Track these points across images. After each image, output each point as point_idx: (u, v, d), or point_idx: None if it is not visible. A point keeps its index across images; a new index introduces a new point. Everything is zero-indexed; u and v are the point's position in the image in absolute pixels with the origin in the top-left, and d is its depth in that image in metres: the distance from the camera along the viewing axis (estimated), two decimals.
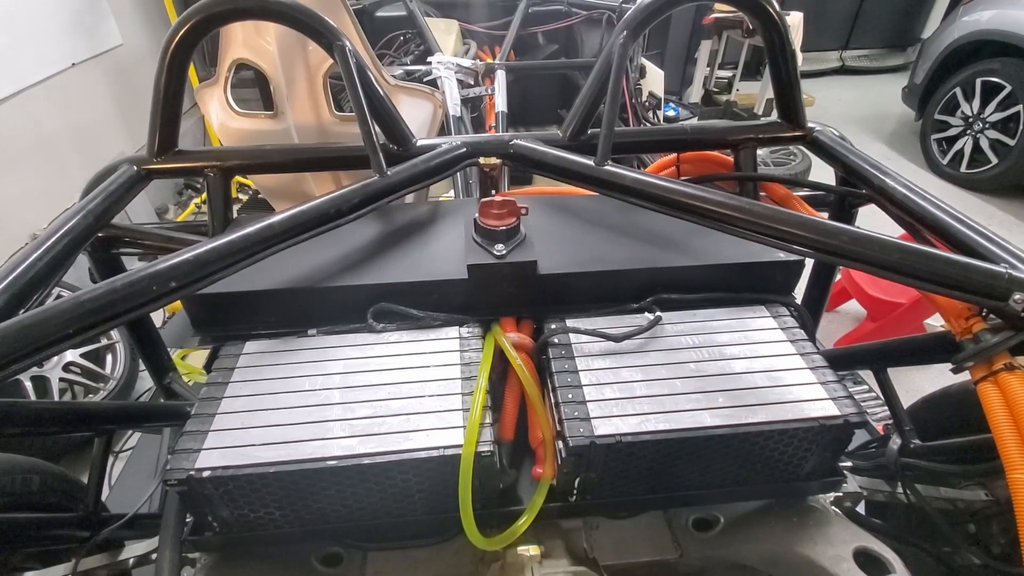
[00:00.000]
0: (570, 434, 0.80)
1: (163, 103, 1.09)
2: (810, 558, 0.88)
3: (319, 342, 0.95)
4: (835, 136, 1.18)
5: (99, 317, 0.74)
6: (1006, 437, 0.71)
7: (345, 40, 1.06)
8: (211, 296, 0.93)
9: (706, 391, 0.87)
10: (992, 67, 4.09)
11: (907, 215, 0.96)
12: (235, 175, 1.20)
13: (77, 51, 3.34)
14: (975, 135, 4.27)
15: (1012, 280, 0.74)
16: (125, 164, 1.12)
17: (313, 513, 0.85)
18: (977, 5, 4.30)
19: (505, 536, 0.86)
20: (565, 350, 0.94)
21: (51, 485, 1.09)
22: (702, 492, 0.93)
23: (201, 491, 0.76)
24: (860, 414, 0.84)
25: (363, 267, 1.01)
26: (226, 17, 1.08)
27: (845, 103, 6.12)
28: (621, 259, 1.01)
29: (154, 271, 0.77)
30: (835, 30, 6.84)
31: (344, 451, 0.77)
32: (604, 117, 1.05)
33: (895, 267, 0.79)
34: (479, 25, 3.35)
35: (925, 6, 6.77)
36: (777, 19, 1.08)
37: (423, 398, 0.86)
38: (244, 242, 0.84)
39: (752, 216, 0.86)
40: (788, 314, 1.01)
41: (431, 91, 1.81)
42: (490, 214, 0.99)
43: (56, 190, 3.03)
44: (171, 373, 1.31)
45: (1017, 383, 0.73)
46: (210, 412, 0.83)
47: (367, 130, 1.04)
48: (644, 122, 3.07)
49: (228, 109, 1.71)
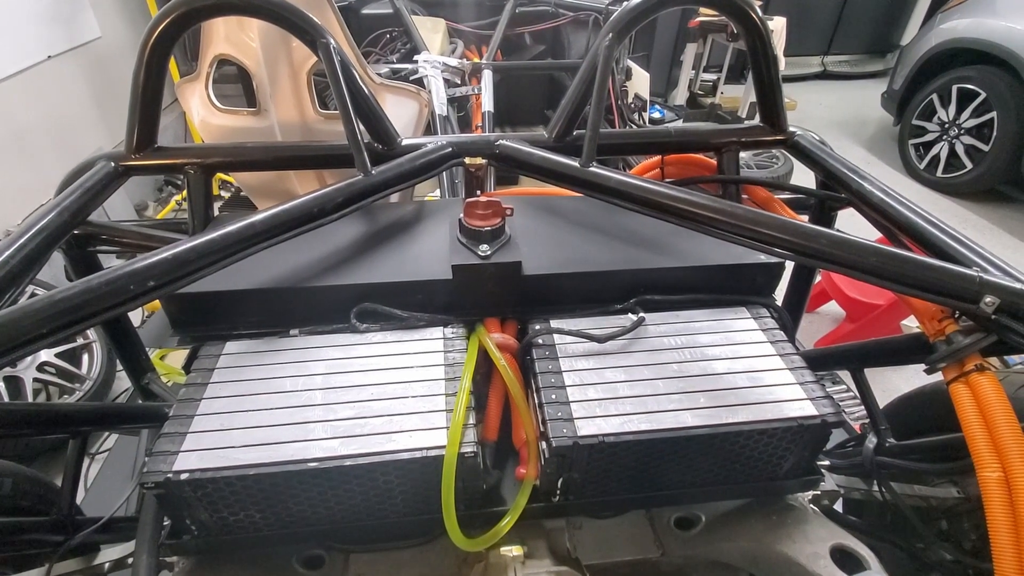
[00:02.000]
0: (553, 435, 0.81)
1: (141, 99, 1.07)
2: (788, 556, 0.89)
3: (301, 342, 0.94)
4: (815, 140, 1.20)
5: (74, 317, 0.73)
6: (976, 436, 0.72)
7: (329, 37, 1.05)
8: (191, 296, 0.92)
9: (688, 391, 0.87)
10: (968, 74, 4.20)
11: (883, 219, 0.98)
12: (216, 172, 1.18)
13: (54, 43, 3.26)
14: (951, 140, 4.38)
15: (983, 283, 0.77)
16: (102, 160, 1.09)
17: (294, 515, 0.84)
18: (954, 14, 4.40)
19: (488, 537, 0.86)
20: (549, 351, 0.94)
21: (24, 488, 1.07)
22: (684, 491, 0.94)
23: (179, 494, 0.75)
24: (837, 414, 0.85)
25: (347, 267, 1.00)
26: (207, 12, 1.06)
27: (826, 107, 6.23)
28: (605, 260, 1.02)
29: (132, 270, 0.76)
30: (817, 36, 6.96)
31: (326, 453, 0.77)
32: (589, 119, 1.06)
33: (870, 270, 0.81)
34: (466, 24, 3.35)
35: (904, 14, 6.92)
36: (759, 25, 1.09)
37: (406, 399, 0.85)
38: (225, 241, 0.83)
39: (733, 219, 0.87)
40: (768, 315, 1.03)
41: (417, 90, 1.80)
42: (475, 214, 0.99)
43: (31, 185, 2.96)
44: (149, 374, 1.29)
45: (987, 384, 0.75)
46: (189, 413, 0.81)
47: (351, 129, 1.03)
48: (630, 123, 3.09)
49: (209, 105, 1.68)
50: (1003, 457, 0.69)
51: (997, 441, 0.71)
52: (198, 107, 1.70)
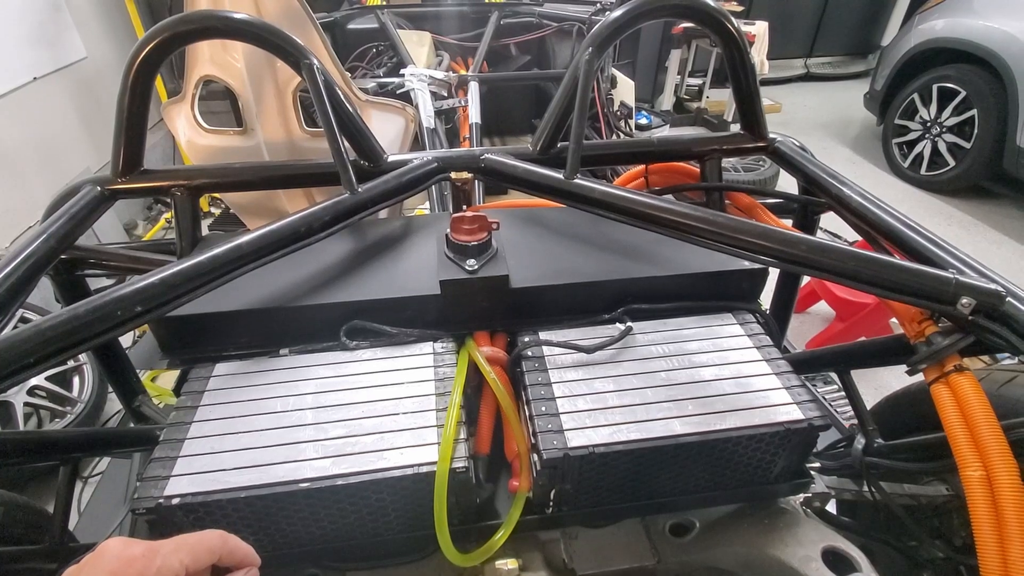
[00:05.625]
0: (544, 447, 0.81)
1: (127, 122, 1.08)
2: (781, 559, 0.90)
3: (291, 362, 0.94)
4: (795, 146, 1.22)
5: (61, 345, 0.73)
6: (958, 437, 0.74)
7: (312, 58, 1.07)
8: (179, 319, 0.92)
9: (676, 399, 0.88)
10: (947, 73, 4.27)
11: (862, 223, 1.00)
12: (203, 194, 1.18)
13: (39, 65, 3.26)
14: (933, 139, 4.45)
15: (959, 285, 0.78)
16: (88, 185, 1.10)
17: (288, 536, 0.84)
18: (932, 14, 4.49)
19: (483, 551, 0.87)
20: (538, 362, 0.95)
21: (15, 516, 1.06)
22: (676, 498, 0.95)
23: (171, 519, 0.75)
24: (824, 417, 0.86)
25: (335, 285, 1.01)
26: (191, 37, 1.07)
27: (811, 109, 6.31)
28: (592, 271, 1.03)
29: (119, 295, 0.76)
30: (800, 38, 7.07)
31: (317, 473, 0.77)
32: (572, 131, 1.07)
33: (851, 274, 0.83)
34: (452, 37, 3.37)
35: (884, 15, 7.04)
36: (736, 35, 1.11)
37: (398, 415, 0.86)
38: (212, 264, 0.84)
39: (714, 227, 0.88)
40: (754, 320, 1.04)
41: (402, 105, 1.81)
42: (461, 229, 1.00)
43: (19, 207, 2.95)
44: (140, 396, 1.28)
45: (967, 384, 0.76)
46: (179, 437, 0.81)
47: (336, 147, 1.04)
48: (616, 131, 3.12)
49: (196, 126, 1.68)
50: (984, 456, 0.71)
51: (978, 441, 0.72)
52: (184, 128, 1.70)
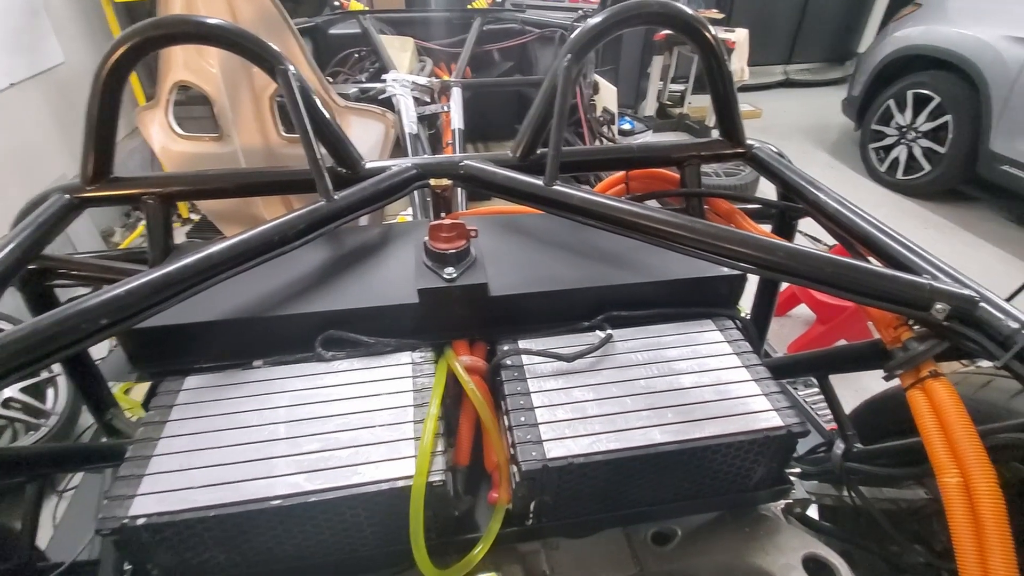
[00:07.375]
0: (523, 458, 0.80)
1: (96, 128, 1.06)
2: (761, 567, 0.89)
3: (265, 374, 0.92)
4: (773, 152, 1.22)
5: (24, 359, 0.71)
6: (935, 443, 0.74)
7: (288, 64, 1.05)
8: (148, 331, 0.89)
9: (656, 407, 0.88)
10: (922, 80, 4.36)
11: (839, 228, 1.01)
12: (175, 202, 1.16)
13: (15, 70, 3.19)
14: (909, 144, 4.54)
15: (933, 291, 0.79)
16: (57, 193, 1.07)
17: (261, 554, 0.81)
18: (907, 22, 4.59)
19: (461, 566, 0.85)
20: (517, 372, 0.94)
21: None
22: (657, 507, 0.94)
23: (137, 539, 0.73)
24: (802, 423, 0.86)
25: (311, 294, 0.99)
26: (163, 41, 1.05)
27: (790, 114, 6.41)
28: (572, 278, 1.02)
29: (83, 308, 0.74)
30: (778, 45, 7.19)
31: (290, 489, 0.75)
32: (551, 139, 1.06)
33: (827, 280, 0.83)
34: (435, 42, 3.37)
35: (860, 22, 7.19)
36: (713, 43, 1.12)
37: (374, 428, 0.84)
38: (182, 274, 0.81)
39: (692, 233, 0.88)
40: (733, 326, 1.04)
41: (382, 111, 1.80)
42: (439, 237, 0.99)
43: None
44: (112, 409, 1.24)
45: (942, 389, 0.77)
46: (146, 454, 0.79)
47: (312, 154, 1.03)
48: (599, 137, 3.13)
49: (170, 132, 1.65)
50: (960, 462, 0.71)
51: (954, 446, 0.72)
52: (159, 134, 1.67)
